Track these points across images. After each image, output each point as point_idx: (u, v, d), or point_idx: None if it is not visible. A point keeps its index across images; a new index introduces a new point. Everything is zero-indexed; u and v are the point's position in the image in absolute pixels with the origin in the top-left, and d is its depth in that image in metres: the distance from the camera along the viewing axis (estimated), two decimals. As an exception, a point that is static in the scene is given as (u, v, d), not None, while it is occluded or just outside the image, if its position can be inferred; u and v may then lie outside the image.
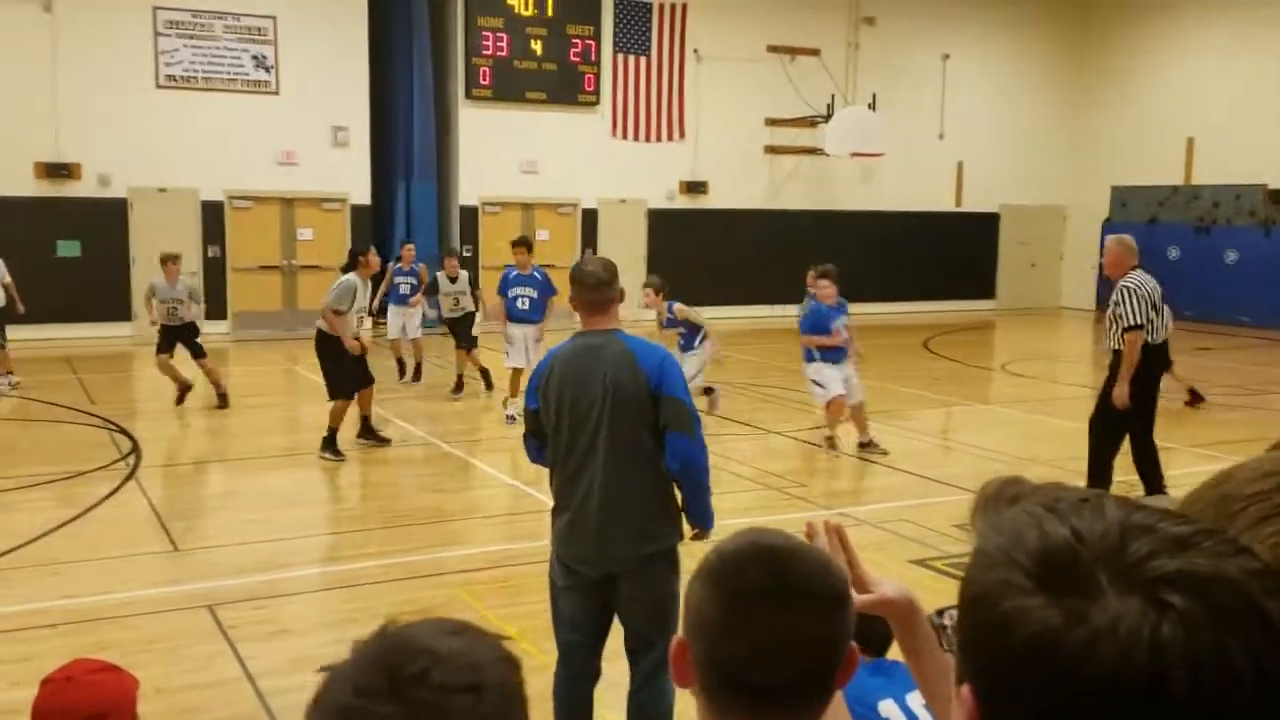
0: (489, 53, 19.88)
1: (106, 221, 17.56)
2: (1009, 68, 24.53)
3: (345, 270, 10.01)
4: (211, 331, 18.32)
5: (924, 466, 9.48)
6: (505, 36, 19.93)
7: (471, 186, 20.19)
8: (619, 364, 3.98)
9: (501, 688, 1.04)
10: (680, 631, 1.34)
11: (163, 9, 17.71)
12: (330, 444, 9.61)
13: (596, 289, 4.07)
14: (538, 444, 4.21)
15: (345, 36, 18.84)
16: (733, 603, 1.28)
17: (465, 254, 20.21)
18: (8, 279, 13.01)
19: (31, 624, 5.88)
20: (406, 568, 6.94)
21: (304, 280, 19.00)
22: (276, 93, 18.59)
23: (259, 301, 18.88)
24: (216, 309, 18.53)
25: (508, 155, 20.10)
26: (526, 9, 20.03)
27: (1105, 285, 24.39)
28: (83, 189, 17.49)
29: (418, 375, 13.76)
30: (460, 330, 13.15)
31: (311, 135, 18.78)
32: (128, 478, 8.99)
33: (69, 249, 17.31)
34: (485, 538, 7.73)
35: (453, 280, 13.27)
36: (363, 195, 19.49)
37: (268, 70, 18.52)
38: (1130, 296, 7.52)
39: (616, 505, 3.99)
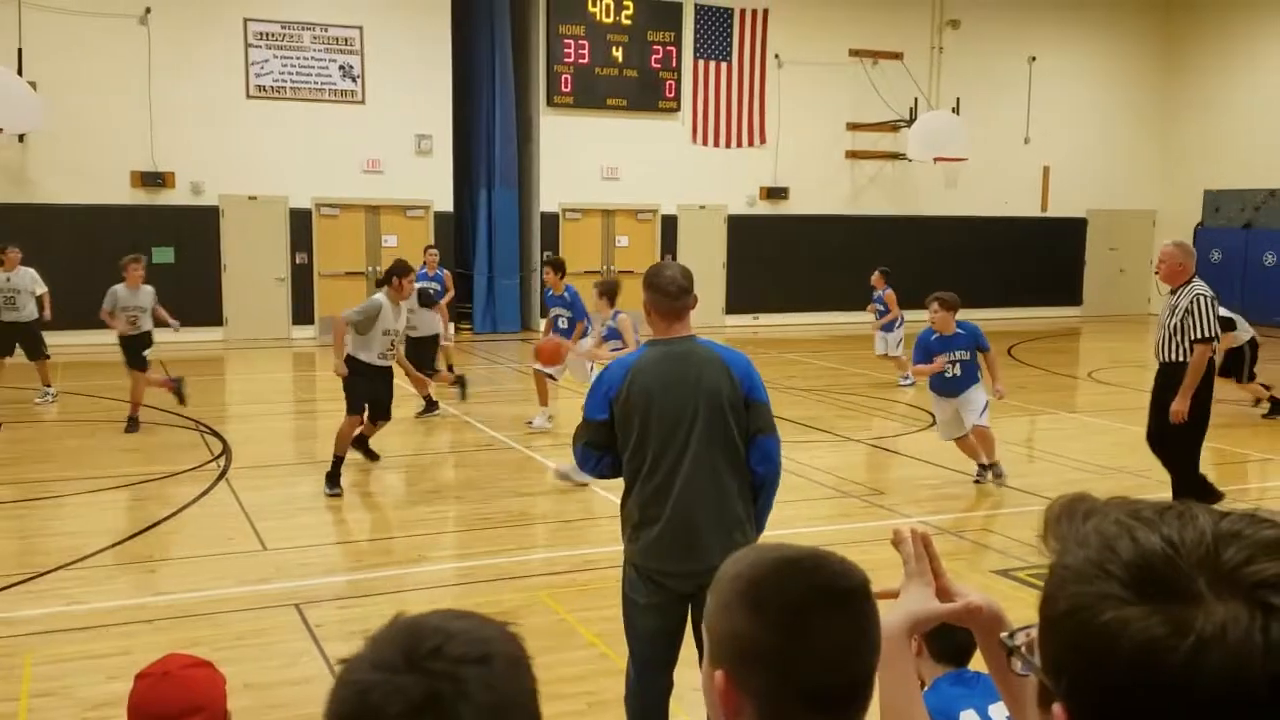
0: (570, 60, 20.04)
1: (199, 228, 18.07)
2: (1097, 69, 24.01)
3: (380, 285, 9.53)
4: (300, 336, 18.76)
5: (1008, 475, 9.31)
6: (586, 44, 20.08)
7: (552, 193, 20.36)
8: (712, 371, 3.94)
9: (510, 658, 1.09)
10: (714, 665, 1.31)
11: (253, 21, 18.19)
12: (333, 477, 8.78)
13: (677, 296, 3.99)
14: (599, 456, 4.04)
15: (429, 45, 19.14)
16: (785, 617, 1.27)
17: (546, 257, 20.35)
18: (43, 289, 12.50)
19: (127, 619, 6.06)
20: (490, 569, 7.02)
21: (388, 286, 19.29)
22: (362, 102, 18.96)
23: (345, 307, 19.21)
24: (304, 314, 18.96)
25: (588, 162, 20.24)
26: (608, 16, 20.16)
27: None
28: (176, 197, 18.02)
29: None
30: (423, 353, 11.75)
31: (396, 143, 19.11)
32: (219, 478, 9.24)
33: (164, 255, 17.82)
34: (567, 541, 7.79)
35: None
36: (445, 202, 19.77)
37: (354, 80, 18.90)
38: (1206, 306, 7.14)
39: (712, 515, 3.93)
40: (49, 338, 12.74)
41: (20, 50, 16.51)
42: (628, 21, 20.32)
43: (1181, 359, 7.21)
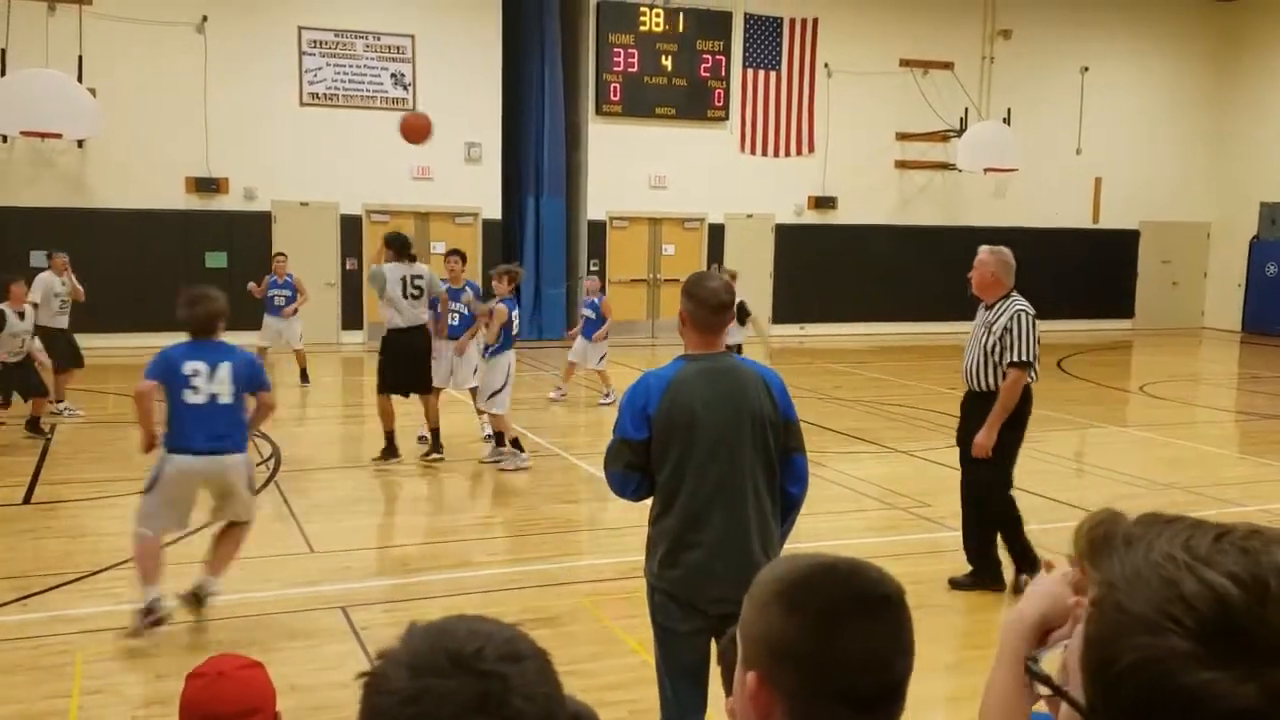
0: (619, 69, 20.11)
1: (251, 234, 18.31)
2: (1150, 80, 23.69)
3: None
4: (349, 341, 18.94)
5: (1055, 489, 9.19)
6: (635, 53, 20.14)
7: (600, 201, 20.42)
8: (754, 388, 3.81)
9: (539, 656, 1.15)
10: (746, 667, 1.32)
11: (308, 29, 18.42)
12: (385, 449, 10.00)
13: (718, 310, 3.82)
14: (640, 478, 3.81)
15: (480, 53, 19.28)
16: (820, 619, 1.29)
17: (593, 267, 20.47)
18: (33, 298, 11.32)
19: (177, 619, 6.14)
20: (535, 575, 7.04)
21: (435, 292, 19.47)
22: (413, 109, 19.12)
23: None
24: (354, 319, 19.14)
25: (636, 170, 20.28)
26: (657, 26, 20.21)
27: (1257, 303, 23.29)
28: (229, 203, 18.28)
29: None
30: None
31: (445, 151, 19.23)
32: (268, 480, 9.34)
33: (216, 260, 18.09)
34: (612, 549, 7.79)
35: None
36: (494, 210, 19.89)
37: (405, 88, 19.08)
38: (1027, 325, 6.23)
39: (755, 538, 3.79)
40: (101, 340, 12.92)
41: (80, 58, 16.84)
42: (678, 31, 20.36)
43: (994, 387, 6.30)
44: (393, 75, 19.02)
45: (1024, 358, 6.19)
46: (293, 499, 8.78)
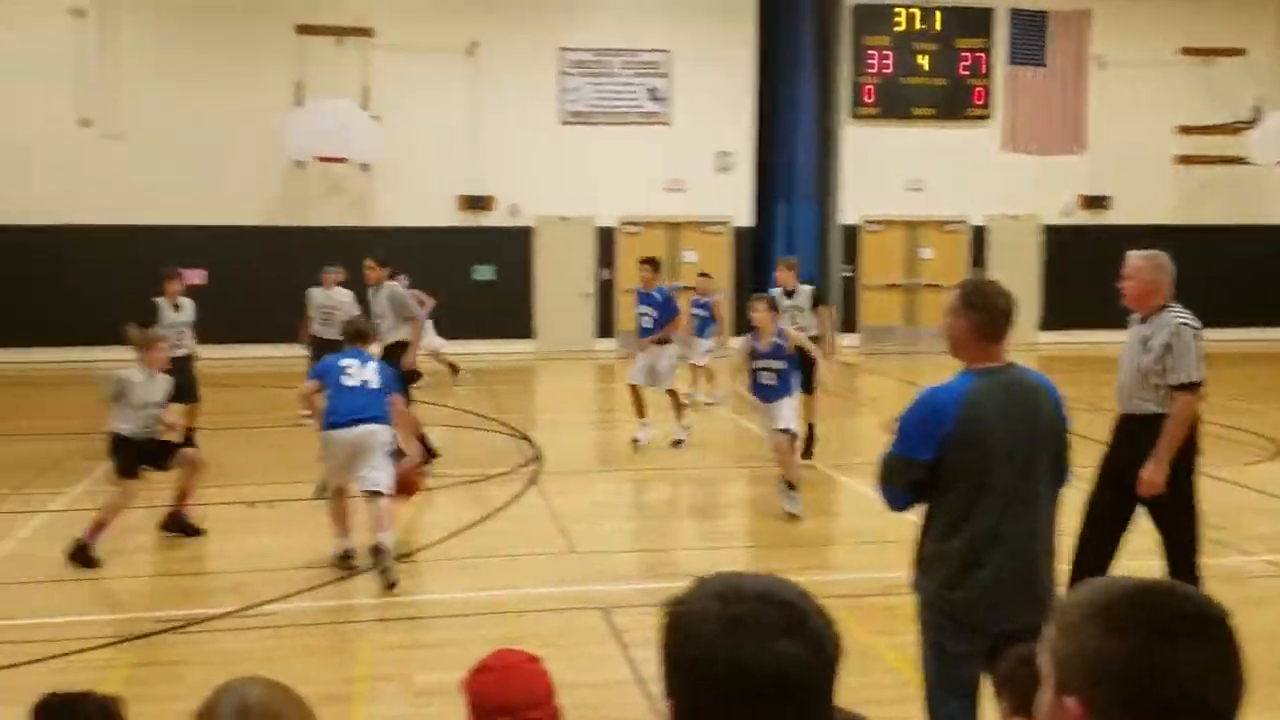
0: (874, 70, 19.74)
1: (515, 248, 19.14)
2: None
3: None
4: (602, 348, 19.42)
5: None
6: (892, 54, 19.72)
7: (854, 205, 20.09)
8: (1044, 401, 3.74)
9: (811, 596, 1.44)
10: (1061, 692, 1.29)
11: (569, 50, 19.08)
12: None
13: (1007, 317, 3.72)
14: (916, 494, 3.74)
15: (734, 64, 19.40)
16: (1151, 638, 1.25)
17: (846, 272, 20.16)
18: (178, 318, 10.67)
19: (446, 613, 6.45)
20: (788, 586, 6.93)
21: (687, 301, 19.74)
22: (668, 123, 19.46)
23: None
24: (607, 327, 19.63)
25: (892, 173, 19.83)
26: (915, 25, 19.70)
27: None
28: (496, 219, 19.17)
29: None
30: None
31: (698, 161, 19.49)
32: (531, 482, 9.68)
33: (484, 273, 19.05)
34: (868, 563, 7.59)
35: None
36: (745, 217, 19.94)
37: (660, 102, 19.43)
38: (1190, 341, 5.38)
39: (1044, 556, 3.73)
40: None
41: (366, 88, 18.12)
42: (936, 30, 19.78)
43: (1149, 412, 5.45)
44: (649, 90, 19.41)
45: (1192, 378, 5.36)
46: (554, 500, 9.05)
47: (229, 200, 18.10)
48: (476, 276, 19.06)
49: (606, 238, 19.61)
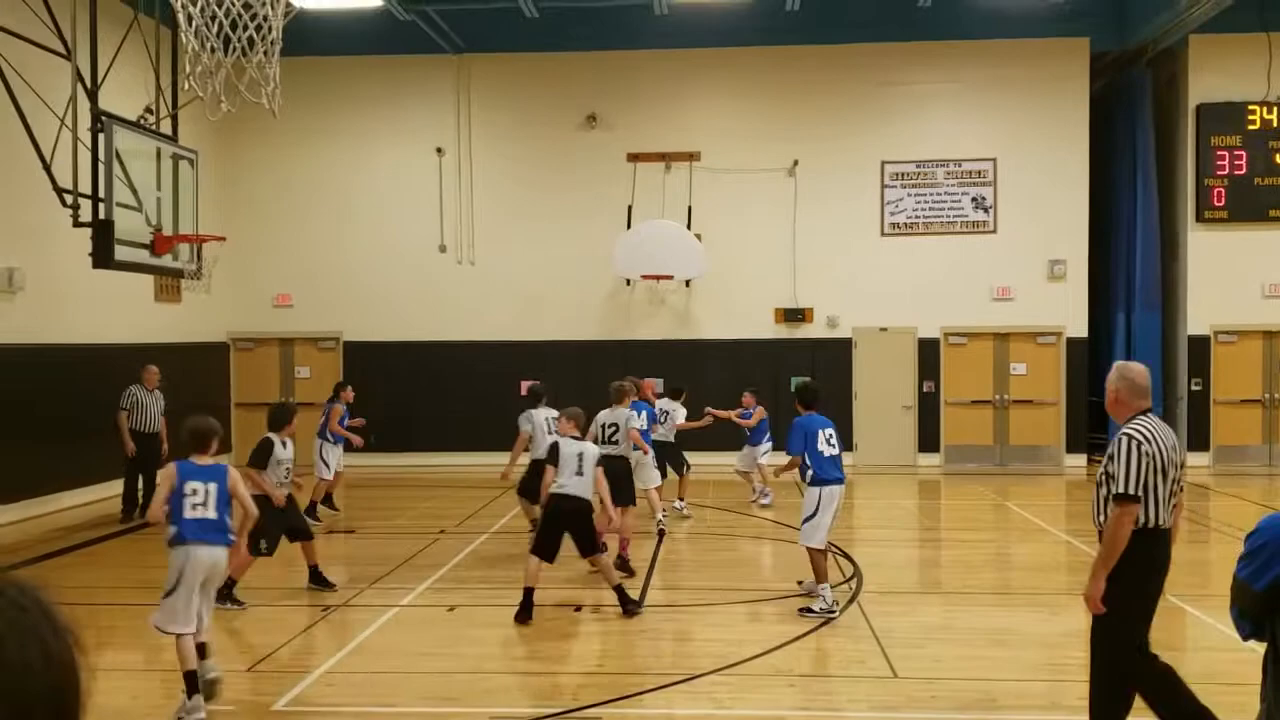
0: (1224, 172, 18.45)
1: (833, 359, 19.13)
2: None
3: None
4: (925, 464, 18.88)
5: None
6: (1243, 153, 18.38)
7: (1202, 314, 18.66)
8: None
9: None
10: None
11: (890, 163, 19.14)
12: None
13: None
14: (1250, 625, 3.38)
15: (1065, 170, 18.76)
16: None
17: (1194, 386, 18.68)
18: (284, 454, 9.65)
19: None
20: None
21: (1014, 415, 18.93)
22: (994, 231, 19.00)
23: (972, 435, 19.15)
24: (930, 441, 19.06)
25: (1247, 278, 18.32)
26: (1270, 122, 18.31)
27: None
28: (813, 330, 19.28)
29: None
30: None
31: (1027, 269, 18.84)
32: (851, 600, 9.50)
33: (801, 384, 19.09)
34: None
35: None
36: (1079, 328, 18.98)
37: (985, 210, 19.03)
38: (1129, 451, 5.35)
39: None
40: (703, 458, 14.08)
41: (690, 208, 18.94)
42: (1294, 123, 18.30)
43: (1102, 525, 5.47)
44: (973, 199, 19.07)
45: (1123, 489, 5.31)
46: (875, 620, 8.83)
47: (563, 317, 19.35)
48: (793, 387, 19.15)
49: (929, 348, 19.24)
